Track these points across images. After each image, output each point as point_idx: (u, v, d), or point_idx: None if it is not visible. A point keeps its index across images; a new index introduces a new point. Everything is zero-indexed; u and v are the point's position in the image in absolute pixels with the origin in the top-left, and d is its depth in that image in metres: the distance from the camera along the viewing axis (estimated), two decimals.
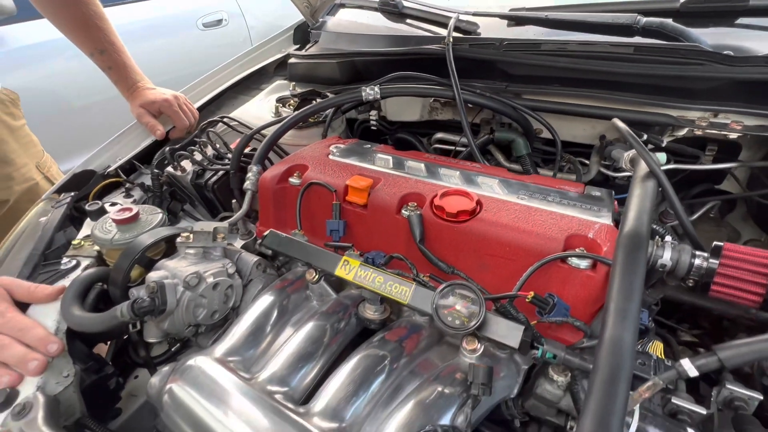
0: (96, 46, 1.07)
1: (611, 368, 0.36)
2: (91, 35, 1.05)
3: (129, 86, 1.13)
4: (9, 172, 1.04)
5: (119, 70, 1.11)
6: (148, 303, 0.60)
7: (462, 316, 0.52)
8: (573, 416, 0.59)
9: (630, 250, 0.45)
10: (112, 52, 1.09)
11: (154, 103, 1.11)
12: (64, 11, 1.02)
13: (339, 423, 0.49)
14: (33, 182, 1.10)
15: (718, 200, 0.93)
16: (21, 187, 1.07)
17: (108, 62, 1.09)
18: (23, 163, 1.08)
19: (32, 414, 0.53)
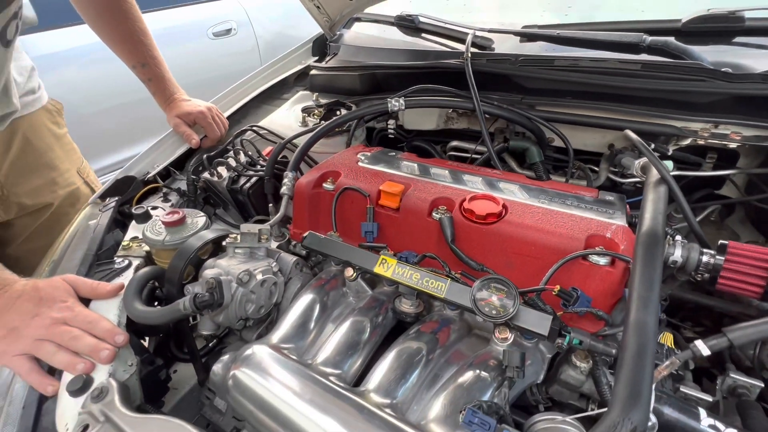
0: (138, 60, 1.13)
1: (638, 345, 0.42)
2: (135, 49, 1.12)
3: (166, 98, 1.20)
4: (54, 177, 1.10)
5: (158, 82, 1.18)
6: (208, 297, 0.66)
7: (497, 307, 0.59)
8: (594, 399, 0.65)
9: (648, 246, 0.51)
10: (153, 65, 1.15)
11: (190, 114, 1.18)
12: (113, 26, 1.09)
13: (391, 400, 0.55)
14: (74, 187, 1.15)
15: (719, 204, 1.00)
16: (64, 191, 1.12)
17: (148, 75, 1.16)
18: (66, 169, 1.14)
19: (109, 397, 0.59)
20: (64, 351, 0.64)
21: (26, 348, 0.64)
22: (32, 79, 1.10)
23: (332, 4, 1.37)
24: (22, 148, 1.02)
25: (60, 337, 0.65)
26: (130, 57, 1.13)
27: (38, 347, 0.64)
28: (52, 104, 1.13)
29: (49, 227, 1.07)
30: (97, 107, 2.76)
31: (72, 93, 2.62)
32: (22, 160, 1.03)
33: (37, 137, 1.07)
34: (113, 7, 1.08)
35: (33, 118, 1.06)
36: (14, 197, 1.02)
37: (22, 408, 0.62)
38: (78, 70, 2.65)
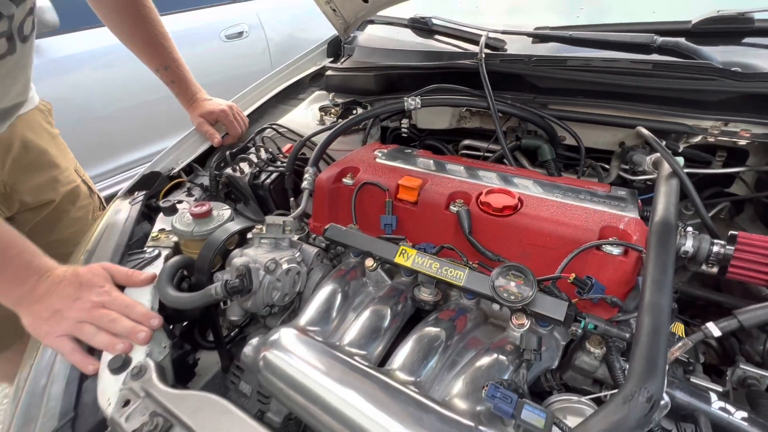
0: (161, 63, 1.17)
1: (653, 324, 0.45)
2: (157, 53, 1.16)
3: (189, 98, 1.24)
4: (55, 175, 1.11)
5: (181, 83, 1.22)
6: (238, 283, 0.70)
7: (515, 293, 0.62)
8: (607, 384, 0.68)
9: (661, 234, 0.54)
10: (175, 68, 1.19)
11: (212, 113, 1.22)
12: (134, 32, 1.13)
13: (415, 378, 0.58)
14: (75, 184, 1.17)
15: (728, 201, 1.02)
16: (65, 189, 1.14)
17: (171, 77, 1.20)
18: (65, 167, 1.16)
19: (147, 375, 0.63)
20: (103, 332, 0.68)
21: (68, 329, 0.68)
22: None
23: (347, 7, 1.41)
24: (23, 146, 1.03)
25: (100, 319, 0.68)
26: (153, 60, 1.17)
27: (79, 329, 0.68)
28: (43, 104, 1.15)
29: (49, 223, 1.09)
30: (115, 107, 2.83)
31: (91, 93, 2.69)
32: (24, 158, 1.04)
33: (36, 136, 1.08)
34: (133, 13, 1.12)
35: (29, 118, 1.07)
36: (17, 195, 1.03)
37: (65, 385, 0.66)
38: (97, 71, 2.71)
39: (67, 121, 2.58)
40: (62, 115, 2.69)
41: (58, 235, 1.10)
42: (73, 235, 1.12)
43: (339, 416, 0.55)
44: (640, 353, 0.43)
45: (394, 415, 0.52)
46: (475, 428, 0.50)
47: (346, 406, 0.55)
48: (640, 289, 0.60)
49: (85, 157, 2.79)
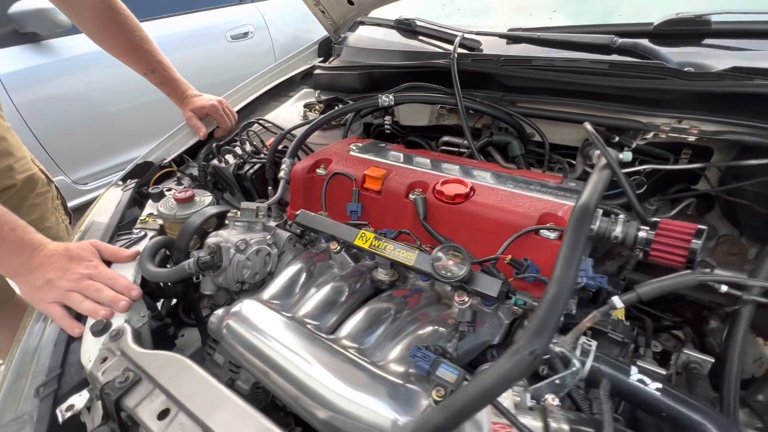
0: (147, 67, 1.25)
1: (555, 294, 0.51)
2: (141, 58, 1.23)
3: (180, 96, 1.33)
4: (11, 164, 1.18)
5: (170, 84, 1.30)
6: (209, 260, 0.77)
7: (452, 270, 0.68)
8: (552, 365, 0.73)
9: (579, 216, 0.60)
10: (162, 70, 1.27)
11: (203, 108, 1.31)
12: (114, 40, 1.20)
13: (359, 345, 0.65)
14: (31, 172, 1.24)
15: (689, 196, 1.06)
16: (21, 176, 1.21)
17: (159, 79, 1.29)
18: (21, 156, 1.23)
19: (124, 337, 0.70)
20: (89, 301, 0.76)
21: (58, 297, 0.76)
22: None
23: (335, 9, 1.49)
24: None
25: (86, 289, 0.77)
26: (139, 66, 1.25)
27: (68, 297, 0.76)
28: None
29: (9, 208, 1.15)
30: (126, 105, 2.95)
31: (101, 91, 2.81)
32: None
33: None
34: (110, 23, 1.17)
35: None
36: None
37: (54, 346, 0.74)
38: (108, 70, 2.83)
39: (79, 118, 2.73)
40: (76, 111, 2.82)
41: None
42: (34, 222, 1.18)
43: (286, 375, 0.62)
44: (536, 316, 0.48)
45: (330, 373, 0.58)
46: (400, 385, 0.56)
47: (292, 367, 0.62)
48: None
49: (95, 151, 2.93)
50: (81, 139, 2.79)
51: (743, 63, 0.89)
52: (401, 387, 0.56)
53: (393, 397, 0.54)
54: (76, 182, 2.77)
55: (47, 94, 2.55)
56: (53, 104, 2.59)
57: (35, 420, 0.66)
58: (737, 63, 0.89)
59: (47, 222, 1.27)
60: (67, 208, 1.40)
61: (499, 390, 0.45)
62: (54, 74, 2.58)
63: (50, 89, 2.56)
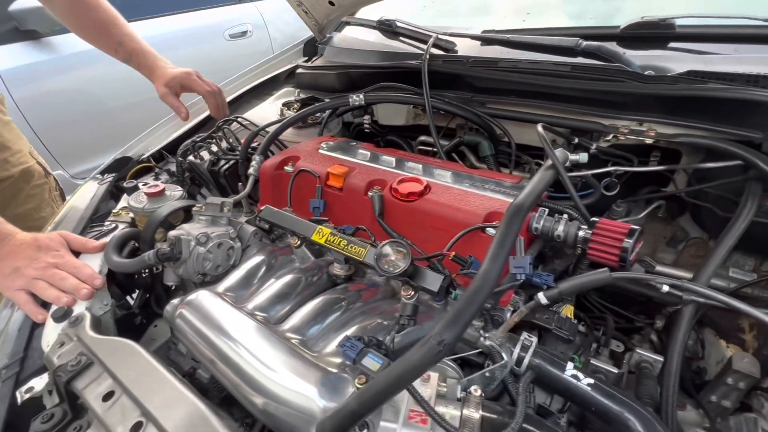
0: (114, 41, 1.21)
1: (476, 288, 0.53)
2: (108, 33, 1.20)
3: (149, 67, 1.25)
4: (6, 157, 1.23)
5: (138, 55, 1.24)
6: (168, 251, 0.80)
7: (395, 264, 0.70)
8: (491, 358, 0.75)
9: (512, 214, 0.61)
10: (129, 41, 1.22)
11: (175, 78, 1.23)
12: (83, 19, 1.20)
13: (301, 336, 0.67)
14: (28, 165, 1.28)
15: (655, 198, 1.06)
16: (17, 169, 1.25)
17: (127, 51, 1.22)
18: (18, 149, 1.27)
19: (82, 324, 0.73)
20: (53, 288, 0.79)
21: (24, 284, 0.79)
22: None
23: (318, 10, 1.51)
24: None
25: (51, 277, 0.80)
26: (107, 42, 1.21)
27: (34, 284, 0.79)
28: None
29: (4, 200, 1.21)
30: (125, 101, 3.00)
31: (102, 87, 2.87)
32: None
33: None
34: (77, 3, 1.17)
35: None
36: None
37: (18, 331, 0.77)
38: (108, 67, 2.88)
39: (77, 114, 2.78)
40: (75, 108, 2.88)
41: (14, 211, 1.22)
42: (28, 211, 1.24)
43: (229, 363, 0.64)
44: (453, 309, 0.50)
45: (267, 360, 0.61)
46: (331, 373, 0.59)
47: (234, 355, 0.64)
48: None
49: (94, 147, 2.99)
50: (80, 135, 2.84)
51: (701, 66, 0.90)
52: (331, 375, 0.58)
53: (323, 384, 0.57)
54: (74, 177, 2.83)
55: (46, 90, 2.61)
56: (52, 100, 2.65)
57: None
58: (696, 66, 0.90)
59: (42, 212, 1.31)
60: (65, 198, 1.43)
61: (409, 377, 0.47)
62: (53, 71, 2.64)
63: (49, 85, 2.62)
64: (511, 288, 0.68)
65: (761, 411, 0.77)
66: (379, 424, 0.51)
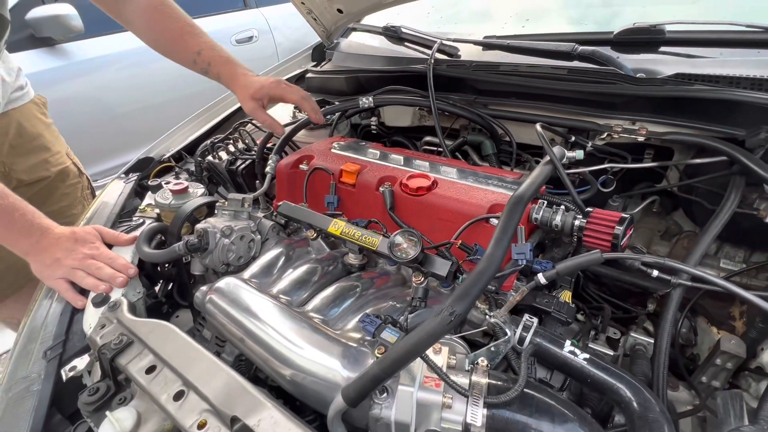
0: (192, 51, 1.11)
1: (482, 268, 0.59)
2: (185, 43, 1.11)
3: (230, 76, 1.14)
4: (46, 158, 1.29)
5: (217, 65, 1.12)
6: (196, 242, 0.87)
7: (407, 251, 0.76)
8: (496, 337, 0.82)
9: (514, 204, 0.68)
10: (207, 50, 1.12)
11: (262, 88, 1.11)
12: (159, 31, 1.13)
13: (323, 317, 0.74)
14: (64, 166, 1.34)
15: (648, 193, 1.12)
16: (56, 169, 1.31)
17: (206, 60, 1.11)
18: (57, 151, 1.33)
19: (120, 308, 0.80)
20: (91, 277, 0.86)
21: (64, 273, 0.86)
22: (20, 78, 1.26)
23: (326, 17, 1.58)
24: (17, 132, 1.21)
25: (89, 267, 0.87)
26: (185, 53, 1.12)
27: (73, 273, 0.86)
28: (38, 98, 1.33)
29: (42, 197, 1.27)
30: (135, 106, 3.09)
31: (113, 93, 2.96)
32: (19, 143, 1.21)
33: (30, 124, 1.25)
34: (155, 15, 1.11)
35: (24, 110, 1.25)
36: (14, 174, 1.21)
37: (60, 316, 0.84)
38: (119, 72, 2.98)
39: (90, 118, 2.87)
40: (87, 112, 2.96)
41: (49, 208, 1.26)
42: (62, 209, 1.31)
43: (258, 340, 0.71)
44: (462, 286, 0.57)
45: (294, 336, 0.68)
46: (352, 346, 0.65)
47: (263, 333, 0.71)
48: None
49: (106, 150, 3.07)
50: (92, 139, 2.93)
51: (688, 69, 0.97)
52: (352, 348, 0.65)
53: (344, 356, 0.63)
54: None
55: (60, 96, 2.69)
56: (66, 105, 2.73)
57: (42, 378, 0.76)
58: (684, 69, 0.97)
59: (74, 209, 1.38)
60: (95, 196, 1.50)
61: (424, 345, 0.54)
62: (67, 76, 2.72)
63: (63, 91, 2.70)
64: (513, 272, 0.74)
65: (748, 390, 0.83)
66: (397, 388, 0.58)
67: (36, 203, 0.95)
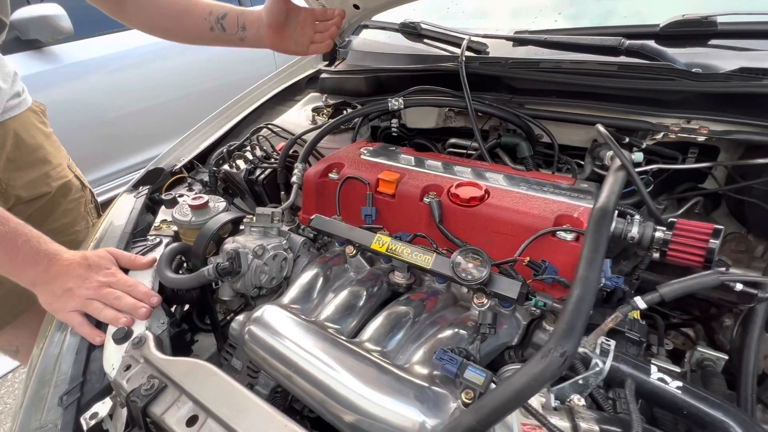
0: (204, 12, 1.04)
1: (580, 295, 0.52)
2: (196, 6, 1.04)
3: (253, 17, 1.07)
4: (47, 171, 1.18)
5: (234, 12, 1.05)
6: (228, 265, 0.78)
7: (472, 273, 0.68)
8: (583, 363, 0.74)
9: (599, 218, 0.61)
10: (218, 5, 1.06)
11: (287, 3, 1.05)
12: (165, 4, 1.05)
13: (382, 348, 0.66)
14: (67, 179, 1.23)
15: (696, 195, 1.07)
16: (57, 183, 1.20)
17: (219, 11, 1.04)
18: (58, 163, 1.22)
19: (146, 344, 0.71)
20: (109, 308, 0.76)
21: (78, 305, 0.76)
22: (16, 84, 1.14)
23: None
24: (15, 145, 1.09)
25: (106, 297, 0.77)
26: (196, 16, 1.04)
27: (88, 305, 0.76)
28: (36, 105, 1.21)
29: (42, 215, 1.16)
30: (125, 110, 2.96)
31: (101, 97, 2.82)
32: (17, 156, 1.09)
33: (29, 135, 1.13)
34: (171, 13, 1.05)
35: (22, 119, 1.13)
36: (12, 190, 1.09)
37: (75, 354, 0.74)
38: (108, 76, 2.84)
39: (79, 123, 2.73)
40: (76, 117, 2.82)
41: (50, 226, 1.17)
42: (64, 226, 1.19)
43: (312, 380, 0.62)
44: (563, 318, 0.49)
45: (357, 377, 0.59)
46: (427, 388, 0.57)
47: (317, 371, 0.62)
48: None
49: (97, 156, 2.93)
50: (81, 145, 2.79)
51: (750, 63, 0.90)
52: (428, 390, 0.56)
53: (420, 400, 0.55)
54: None
55: (48, 101, 2.51)
56: (54, 110, 2.55)
57: (60, 428, 0.66)
58: (744, 63, 0.90)
59: (76, 226, 1.27)
60: (100, 211, 1.37)
61: (530, 392, 0.46)
62: (55, 81, 2.58)
63: (51, 96, 2.55)
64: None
65: None
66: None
67: (35, 222, 0.85)
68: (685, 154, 1.05)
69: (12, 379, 1.97)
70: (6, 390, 1.93)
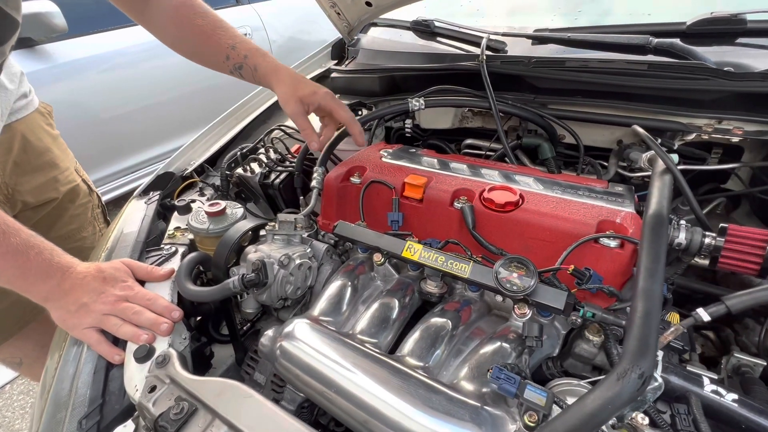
0: (227, 44, 0.96)
1: (645, 308, 0.49)
2: (217, 37, 0.96)
3: (270, 71, 0.97)
4: (56, 175, 1.12)
5: (255, 57, 0.96)
6: (254, 277, 0.73)
7: (517, 284, 0.65)
8: (606, 371, 0.71)
9: (654, 225, 0.58)
10: (243, 42, 0.97)
11: (315, 94, 0.95)
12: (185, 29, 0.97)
13: (424, 363, 0.62)
14: (75, 184, 1.18)
15: (723, 197, 1.05)
16: (65, 188, 1.15)
17: (242, 52, 0.95)
18: (66, 167, 1.17)
19: (171, 363, 0.66)
20: (128, 324, 0.72)
21: (94, 322, 0.72)
22: (23, 84, 1.09)
23: (351, 11, 1.45)
24: (22, 148, 1.04)
25: (124, 312, 0.72)
26: (217, 47, 0.96)
27: (105, 321, 0.72)
28: (43, 107, 1.15)
29: (50, 221, 1.11)
30: (121, 110, 2.88)
31: (97, 96, 2.74)
32: (24, 160, 1.04)
33: (36, 138, 1.08)
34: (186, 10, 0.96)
35: (29, 121, 1.07)
36: (18, 195, 1.04)
37: (93, 374, 0.69)
38: (103, 75, 2.76)
39: (74, 124, 2.64)
40: (70, 118, 2.73)
41: (57, 232, 1.12)
42: (71, 232, 1.14)
43: (354, 400, 0.59)
44: (633, 334, 0.46)
45: (405, 397, 0.55)
46: (481, 408, 0.54)
47: (360, 390, 0.59)
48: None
49: (91, 158, 2.85)
50: (75, 145, 2.69)
51: None
52: (483, 411, 0.53)
53: (477, 422, 0.52)
54: None
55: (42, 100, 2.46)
56: None
57: None
58: None
59: (84, 232, 1.21)
60: (107, 216, 1.32)
61: (606, 416, 0.43)
62: (49, 80, 2.49)
63: (45, 96, 2.45)
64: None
65: None
66: None
67: (42, 229, 0.80)
68: (708, 153, 1.03)
69: (10, 391, 1.90)
70: (4, 402, 1.86)
